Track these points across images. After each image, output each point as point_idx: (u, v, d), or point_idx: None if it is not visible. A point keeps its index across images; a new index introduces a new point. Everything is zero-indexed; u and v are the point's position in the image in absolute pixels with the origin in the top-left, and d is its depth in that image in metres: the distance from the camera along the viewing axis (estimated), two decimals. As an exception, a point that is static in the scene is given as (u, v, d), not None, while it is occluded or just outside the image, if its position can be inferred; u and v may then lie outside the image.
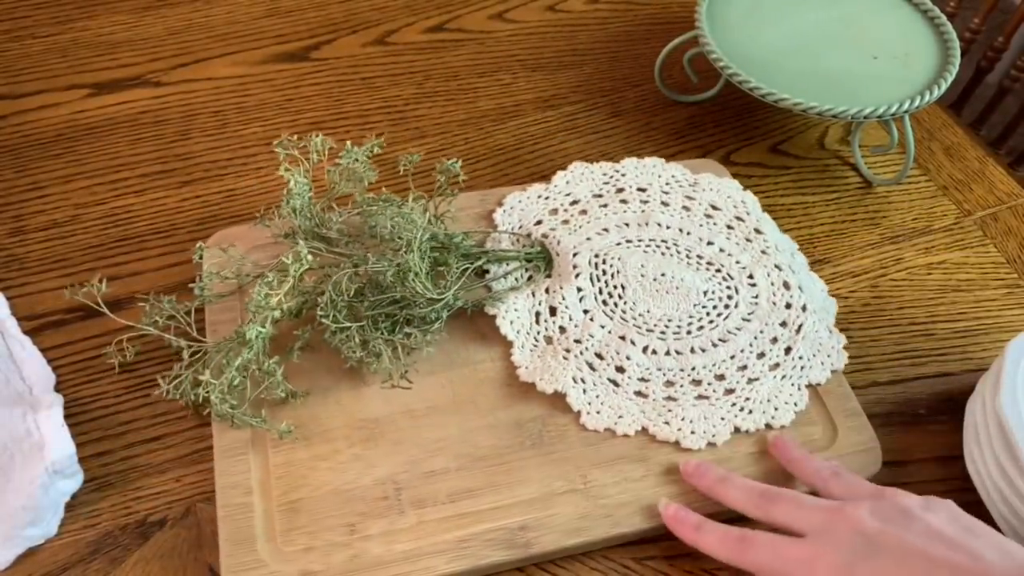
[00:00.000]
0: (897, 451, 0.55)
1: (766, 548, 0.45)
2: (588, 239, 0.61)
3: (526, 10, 0.84)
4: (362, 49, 0.80)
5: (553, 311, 0.57)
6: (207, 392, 0.50)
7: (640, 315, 0.57)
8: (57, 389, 0.55)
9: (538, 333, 0.57)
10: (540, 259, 0.60)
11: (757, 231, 0.62)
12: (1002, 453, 0.49)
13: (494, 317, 0.57)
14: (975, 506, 0.50)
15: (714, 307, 0.58)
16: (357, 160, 0.56)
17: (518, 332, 0.57)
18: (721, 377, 0.55)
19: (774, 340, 0.57)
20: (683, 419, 0.53)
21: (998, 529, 0.49)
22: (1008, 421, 0.48)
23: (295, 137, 0.56)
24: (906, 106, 0.64)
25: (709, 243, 0.61)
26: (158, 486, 0.52)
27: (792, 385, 0.55)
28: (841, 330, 0.60)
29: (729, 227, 0.62)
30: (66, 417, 0.51)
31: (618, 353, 0.55)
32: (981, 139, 1.10)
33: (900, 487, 0.47)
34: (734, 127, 0.75)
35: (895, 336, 0.61)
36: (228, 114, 0.73)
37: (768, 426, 0.54)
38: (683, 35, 0.72)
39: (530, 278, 0.59)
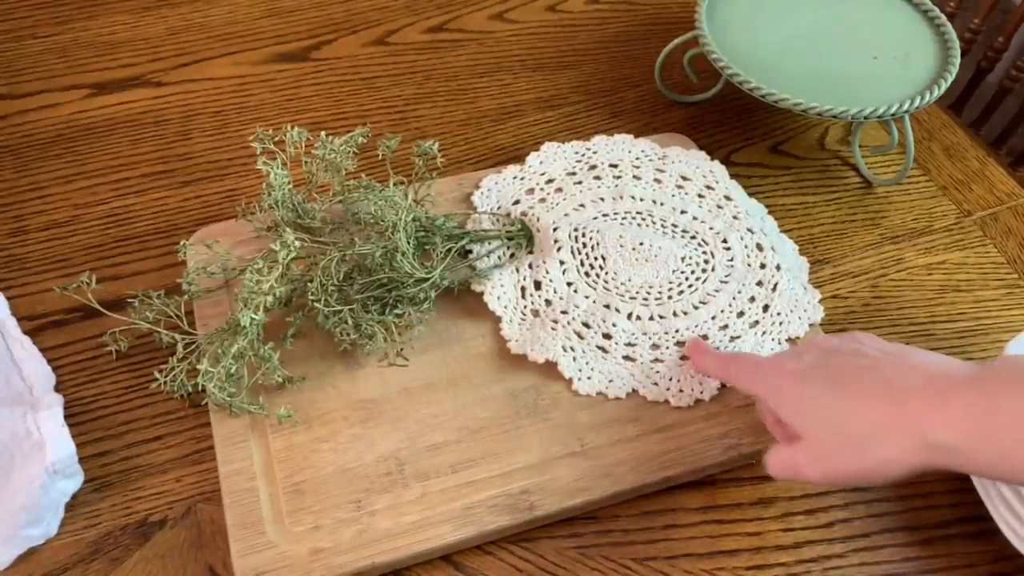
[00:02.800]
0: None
1: (745, 367, 0.51)
2: (566, 215, 0.62)
3: (526, 10, 0.84)
4: (362, 49, 0.80)
5: (538, 285, 0.59)
6: (205, 381, 0.51)
7: (622, 284, 0.59)
8: (57, 389, 0.55)
9: (525, 307, 0.58)
10: (521, 237, 0.61)
11: (727, 198, 0.64)
12: (1002, 453, 0.49)
13: (481, 294, 0.59)
14: (975, 505, 0.50)
15: (692, 272, 0.60)
16: (334, 152, 0.56)
17: (505, 307, 0.58)
18: (704, 337, 0.57)
19: (752, 299, 0.59)
20: (671, 379, 0.55)
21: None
22: (1008, 421, 0.48)
23: (270, 130, 0.56)
24: (906, 106, 0.64)
25: (682, 212, 0.63)
26: (158, 486, 0.52)
27: (773, 340, 0.58)
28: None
29: (700, 196, 0.64)
30: (66, 417, 0.52)
31: (604, 321, 0.57)
32: (981, 139, 1.10)
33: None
34: (734, 127, 0.75)
35: (895, 336, 0.61)
36: (228, 114, 0.73)
37: None
38: (683, 35, 0.72)
39: (513, 255, 0.61)
